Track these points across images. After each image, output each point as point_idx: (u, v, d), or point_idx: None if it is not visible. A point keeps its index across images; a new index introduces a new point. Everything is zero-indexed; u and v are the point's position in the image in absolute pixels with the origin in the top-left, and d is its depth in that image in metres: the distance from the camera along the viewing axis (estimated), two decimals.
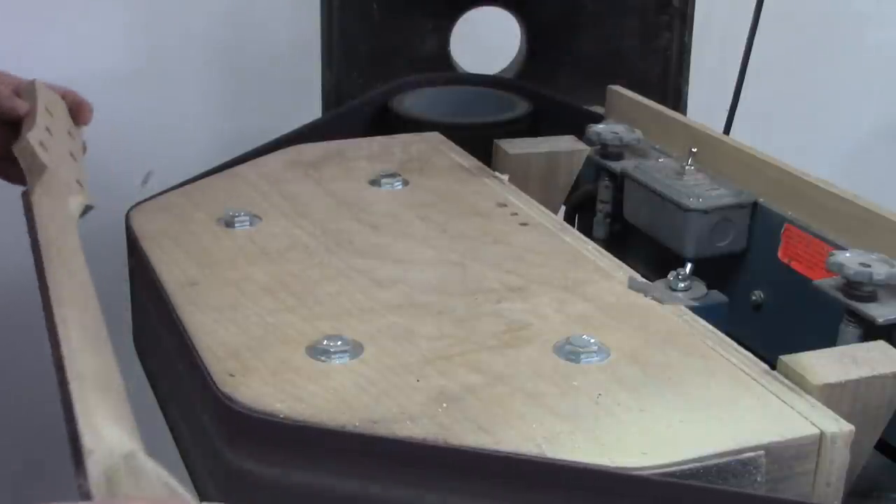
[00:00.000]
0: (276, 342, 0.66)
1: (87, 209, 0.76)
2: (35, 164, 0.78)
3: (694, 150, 0.91)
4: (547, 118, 1.08)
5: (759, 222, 0.87)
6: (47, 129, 0.83)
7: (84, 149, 0.91)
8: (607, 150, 0.98)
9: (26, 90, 0.90)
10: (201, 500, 0.46)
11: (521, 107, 1.09)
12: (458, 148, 0.99)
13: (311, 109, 1.14)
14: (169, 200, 0.87)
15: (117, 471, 0.48)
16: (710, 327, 0.70)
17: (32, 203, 0.72)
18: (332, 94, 1.15)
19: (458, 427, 0.58)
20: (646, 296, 0.73)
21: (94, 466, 0.48)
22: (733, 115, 1.23)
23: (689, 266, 0.79)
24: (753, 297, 0.88)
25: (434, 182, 0.92)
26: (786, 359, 0.64)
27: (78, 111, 0.93)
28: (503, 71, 1.22)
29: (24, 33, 1.25)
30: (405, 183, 0.91)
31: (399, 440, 0.57)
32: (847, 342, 0.71)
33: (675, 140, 0.98)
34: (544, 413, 0.59)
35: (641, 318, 0.70)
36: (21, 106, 0.87)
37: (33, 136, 0.80)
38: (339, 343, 0.65)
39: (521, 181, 0.94)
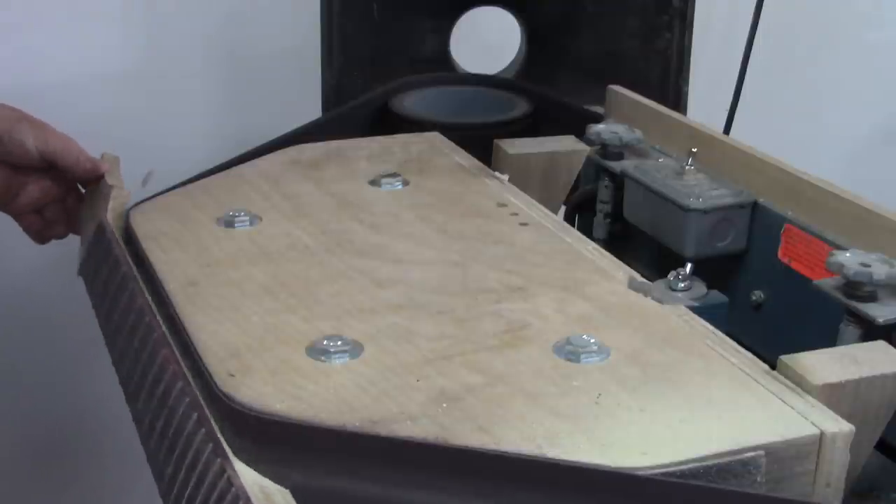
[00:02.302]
0: (276, 342, 0.66)
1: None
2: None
3: (694, 150, 0.91)
4: (547, 118, 1.08)
5: (759, 222, 0.87)
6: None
7: None
8: (607, 150, 0.98)
9: (110, 156, 0.96)
10: None
11: (521, 107, 1.09)
12: (458, 148, 0.99)
13: (311, 109, 1.14)
14: (169, 200, 0.87)
15: (274, 494, 0.49)
16: (710, 327, 0.70)
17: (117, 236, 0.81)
18: (332, 94, 1.15)
19: (458, 427, 0.58)
20: (646, 296, 0.73)
21: (247, 473, 0.50)
22: (733, 115, 1.23)
23: (689, 266, 0.79)
24: (753, 297, 0.88)
25: (434, 182, 0.92)
26: (786, 359, 0.64)
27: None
28: (503, 71, 1.22)
29: (24, 33, 1.25)
30: (405, 183, 0.91)
31: (399, 440, 0.57)
32: (847, 342, 0.71)
33: (675, 140, 0.98)
34: (544, 413, 0.59)
35: (641, 318, 0.70)
36: (103, 168, 0.92)
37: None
38: (339, 343, 0.65)
39: (521, 181, 0.94)
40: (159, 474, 0.61)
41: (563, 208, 1.04)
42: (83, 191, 0.95)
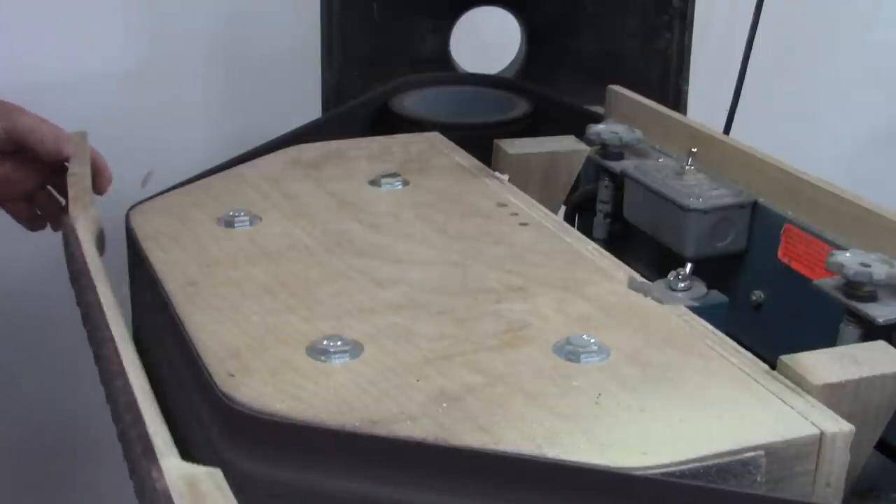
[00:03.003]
0: (276, 342, 0.66)
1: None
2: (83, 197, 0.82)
3: (694, 150, 0.91)
4: (547, 118, 1.08)
5: (759, 222, 0.87)
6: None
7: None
8: (607, 150, 0.98)
9: (78, 137, 0.92)
10: None
11: (521, 107, 1.09)
12: (458, 148, 0.99)
13: (311, 109, 1.15)
14: (169, 200, 0.87)
15: (201, 481, 0.49)
16: (710, 327, 0.70)
17: (75, 227, 0.76)
18: (332, 94, 1.15)
19: (458, 427, 0.58)
20: (646, 296, 0.73)
21: (171, 468, 0.49)
22: (733, 115, 1.23)
23: (689, 266, 0.79)
24: (753, 297, 0.88)
25: (434, 182, 0.92)
26: (786, 359, 0.64)
27: (99, 177, 0.94)
28: (503, 71, 1.22)
29: (24, 33, 1.25)
30: (405, 183, 0.91)
31: (399, 440, 0.57)
32: (847, 342, 0.71)
33: (675, 140, 0.98)
34: (544, 413, 0.59)
35: (641, 318, 0.70)
36: (67, 150, 0.90)
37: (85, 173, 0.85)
38: (339, 343, 0.65)
39: (521, 181, 0.94)
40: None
41: (563, 208, 1.04)
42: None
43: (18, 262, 1.31)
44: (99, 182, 0.94)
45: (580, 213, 1.05)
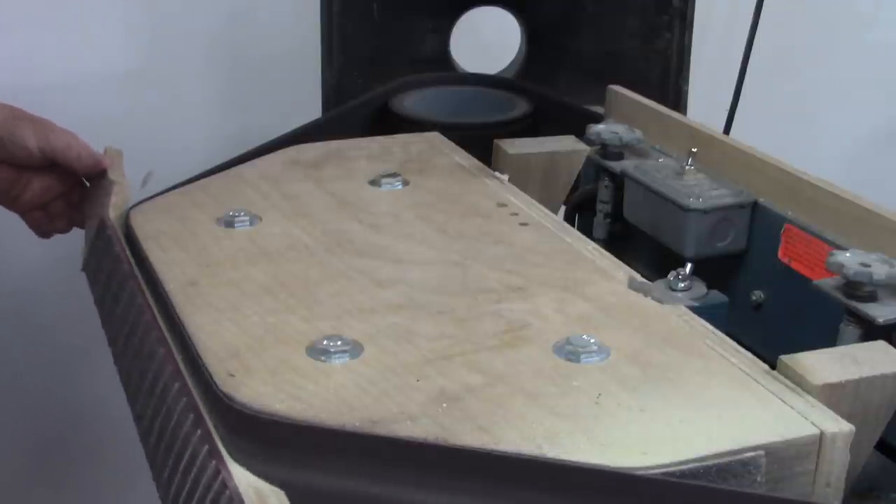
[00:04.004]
0: (276, 342, 0.66)
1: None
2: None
3: (694, 150, 0.91)
4: (547, 118, 1.08)
5: (759, 222, 0.87)
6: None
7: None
8: (607, 150, 0.98)
9: (113, 150, 0.95)
10: None
11: (521, 107, 1.09)
12: (458, 148, 0.99)
13: (311, 109, 1.15)
14: (169, 200, 0.87)
15: (269, 496, 0.49)
16: (710, 327, 0.70)
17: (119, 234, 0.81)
18: (332, 94, 1.15)
19: (458, 427, 0.58)
20: (646, 296, 0.73)
21: (241, 476, 0.50)
22: (733, 115, 1.23)
23: (689, 266, 0.79)
24: (753, 297, 0.88)
25: (434, 182, 0.92)
26: (786, 359, 0.64)
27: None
28: (503, 71, 1.22)
29: (25, 33, 1.25)
30: (405, 183, 0.91)
31: (399, 440, 0.57)
32: (847, 342, 0.71)
33: (675, 140, 0.98)
34: (544, 413, 0.59)
35: (641, 318, 0.70)
36: (105, 163, 0.92)
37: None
38: (339, 343, 0.65)
39: (521, 181, 0.94)
40: (157, 474, 0.61)
41: (563, 208, 1.04)
42: (88, 185, 0.95)
43: (19, 262, 1.31)
44: None
45: (580, 213, 1.05)
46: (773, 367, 0.64)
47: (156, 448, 0.62)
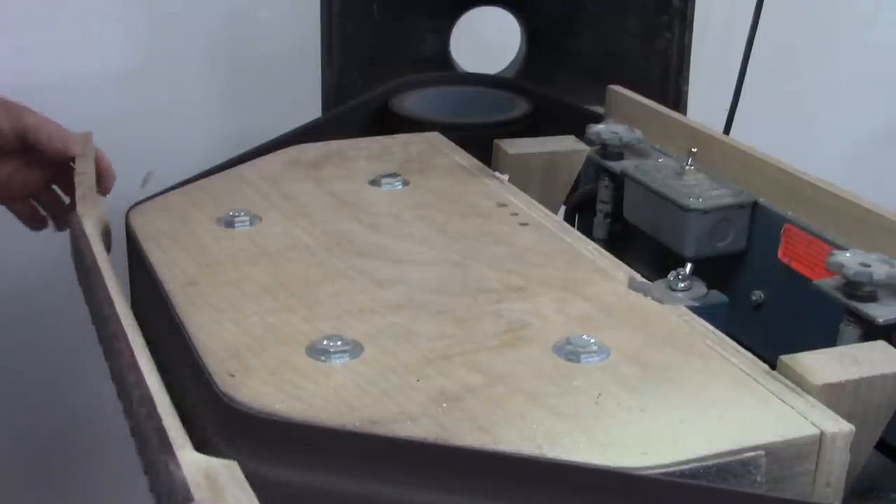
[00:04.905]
0: (276, 342, 0.66)
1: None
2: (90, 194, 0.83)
3: (694, 150, 0.91)
4: (547, 118, 1.08)
5: (759, 222, 0.87)
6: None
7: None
8: (607, 150, 0.98)
9: (84, 137, 0.93)
10: None
11: (521, 107, 1.09)
12: (458, 148, 0.99)
13: (311, 109, 1.15)
14: (169, 200, 0.87)
15: (218, 473, 0.49)
16: (710, 327, 0.70)
17: (83, 224, 0.77)
18: (332, 94, 1.15)
19: (458, 427, 0.58)
20: (646, 296, 0.73)
21: (190, 461, 0.49)
22: (733, 115, 1.23)
23: (689, 266, 0.79)
24: (753, 297, 0.88)
25: (434, 182, 0.92)
26: (786, 359, 0.64)
27: (103, 176, 0.94)
28: (503, 71, 1.22)
29: (25, 33, 1.25)
30: (405, 183, 0.91)
31: (399, 440, 0.57)
32: (847, 342, 0.71)
33: (675, 140, 0.98)
34: (544, 413, 0.59)
35: (641, 318, 0.70)
36: (74, 149, 0.90)
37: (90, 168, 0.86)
38: (339, 343, 0.65)
39: (521, 181, 0.94)
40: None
41: (563, 208, 1.04)
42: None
43: (19, 262, 1.31)
44: (103, 182, 0.95)
45: (580, 213, 1.05)
46: (773, 367, 0.64)
47: (137, 445, 0.62)
